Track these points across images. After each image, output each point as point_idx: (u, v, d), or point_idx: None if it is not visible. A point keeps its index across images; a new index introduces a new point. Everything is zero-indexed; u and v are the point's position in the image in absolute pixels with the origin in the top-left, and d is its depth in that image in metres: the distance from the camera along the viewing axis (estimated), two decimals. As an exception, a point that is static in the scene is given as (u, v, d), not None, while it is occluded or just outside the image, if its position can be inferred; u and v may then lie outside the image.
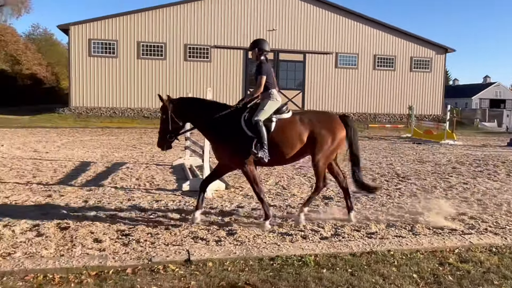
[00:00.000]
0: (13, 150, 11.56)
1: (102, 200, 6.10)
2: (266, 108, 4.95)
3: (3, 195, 6.27)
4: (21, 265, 3.51)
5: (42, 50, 45.65)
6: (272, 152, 4.86)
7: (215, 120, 4.89)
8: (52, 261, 3.60)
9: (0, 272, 3.41)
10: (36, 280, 3.34)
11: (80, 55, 24.24)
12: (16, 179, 7.56)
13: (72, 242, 4.28)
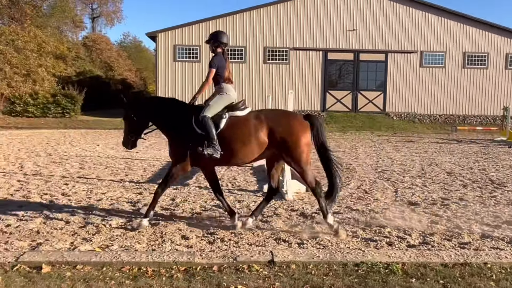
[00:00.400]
0: (108, 150, 12.52)
1: (188, 198, 6.38)
2: (213, 104, 4.76)
3: (100, 191, 6.81)
4: (118, 257, 3.77)
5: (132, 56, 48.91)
6: (224, 151, 4.62)
7: (171, 119, 4.78)
8: (145, 255, 3.83)
9: (100, 262, 3.70)
10: (131, 272, 3.58)
11: (166, 61, 25.61)
12: (111, 176, 8.16)
13: (162, 238, 4.53)
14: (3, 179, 7.77)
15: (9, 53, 22.81)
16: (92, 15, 50.66)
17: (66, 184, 7.36)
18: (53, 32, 31.82)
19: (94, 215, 5.41)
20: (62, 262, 3.66)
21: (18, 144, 13.52)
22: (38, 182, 7.50)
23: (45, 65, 25.31)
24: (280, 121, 4.68)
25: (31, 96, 24.11)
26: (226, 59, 4.98)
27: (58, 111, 24.70)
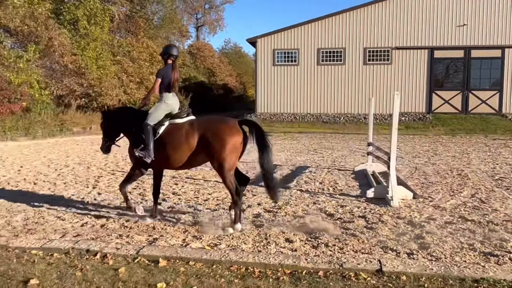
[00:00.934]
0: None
1: (290, 201, 6.42)
2: (152, 112, 5.19)
3: (207, 192, 7.15)
4: (227, 256, 3.92)
5: (232, 62, 50.81)
6: (160, 155, 5.04)
7: (128, 125, 5.31)
8: (252, 255, 3.93)
9: (210, 260, 3.87)
10: (239, 271, 3.69)
11: (265, 65, 26.17)
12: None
13: (266, 240, 4.61)
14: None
15: (126, 63, 25.13)
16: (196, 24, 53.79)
17: (176, 184, 7.87)
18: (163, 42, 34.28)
19: (203, 214, 5.69)
20: (176, 258, 3.90)
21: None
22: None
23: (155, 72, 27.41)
24: (209, 127, 4.96)
25: (143, 102, 26.30)
26: (173, 70, 5.34)
27: (166, 115, 26.59)
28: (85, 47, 21.91)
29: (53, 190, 7.39)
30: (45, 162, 10.68)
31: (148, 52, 27.34)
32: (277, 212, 5.81)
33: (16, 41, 20.14)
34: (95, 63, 22.03)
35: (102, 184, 7.88)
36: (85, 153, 12.73)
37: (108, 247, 4.11)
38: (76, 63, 20.24)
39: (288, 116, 25.98)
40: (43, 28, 19.06)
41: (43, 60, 19.65)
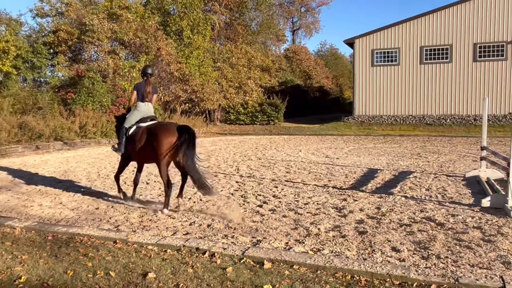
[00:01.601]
0: (309, 155, 13.10)
1: (394, 208, 6.14)
2: (128, 117, 6.62)
3: (307, 196, 7.14)
4: (332, 262, 3.86)
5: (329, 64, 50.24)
6: (130, 150, 6.49)
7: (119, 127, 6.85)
8: (357, 263, 3.82)
9: (315, 265, 3.85)
10: (344, 279, 3.61)
11: (363, 66, 25.44)
12: (315, 181, 8.49)
13: (371, 247, 4.45)
14: (225, 179, 8.91)
15: (225, 69, 26.21)
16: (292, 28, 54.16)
17: (275, 187, 7.98)
18: (260, 47, 35.16)
19: (304, 218, 5.69)
20: (280, 260, 3.94)
21: (233, 149, 15.34)
22: (252, 184, 8.34)
23: (253, 77, 28.15)
24: (153, 130, 6.10)
25: (242, 106, 27.15)
26: (146, 85, 6.75)
27: (264, 118, 27.15)
28: (189, 55, 23.30)
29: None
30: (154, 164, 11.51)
31: (246, 57, 28.20)
32: (381, 219, 5.59)
33: (129, 53, 22.16)
34: (198, 70, 23.31)
35: (206, 185, 8.27)
36: (189, 155, 13.49)
37: (216, 247, 4.30)
38: (181, 70, 21.61)
39: (388, 118, 24.94)
40: (152, 40, 20.67)
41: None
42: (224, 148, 15.58)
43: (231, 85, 26.51)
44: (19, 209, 6.47)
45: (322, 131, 23.57)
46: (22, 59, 19.08)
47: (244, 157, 12.74)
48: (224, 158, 12.66)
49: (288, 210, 6.18)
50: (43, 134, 14.12)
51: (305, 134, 22.23)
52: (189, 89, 22.49)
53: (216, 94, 24.16)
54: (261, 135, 22.29)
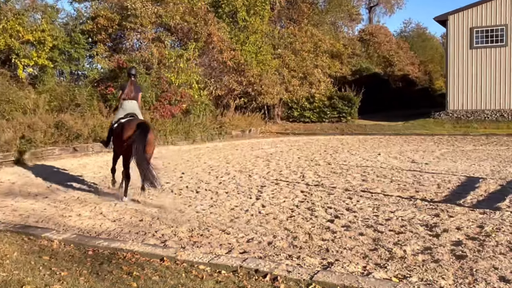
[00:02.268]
0: (390, 159, 12.79)
1: (502, 227, 5.84)
2: (115, 114, 8.77)
3: (388, 209, 6.98)
4: (422, 293, 3.74)
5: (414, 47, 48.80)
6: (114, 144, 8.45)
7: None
8: (455, 295, 3.67)
9: (400, 296, 3.75)
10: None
11: (459, 48, 24.46)
12: (399, 192, 8.28)
13: (472, 276, 4.26)
14: (288, 188, 8.94)
15: (287, 56, 26.24)
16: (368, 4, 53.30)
17: (349, 198, 7.87)
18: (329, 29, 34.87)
19: (385, 237, 5.57)
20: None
21: (297, 152, 15.34)
22: (321, 194, 8.29)
23: (321, 66, 27.97)
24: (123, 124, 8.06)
25: (307, 100, 27.07)
26: (129, 85, 8.73)
27: (334, 115, 26.89)
28: (245, 40, 23.60)
29: (215, 199, 8.11)
30: (205, 169, 11.80)
31: (312, 42, 28.08)
32: (485, 240, 5.34)
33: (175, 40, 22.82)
34: (255, 58, 23.53)
35: (265, 195, 8.34)
36: (245, 159, 13.68)
37: (279, 269, 4.31)
38: (235, 59, 21.92)
39: (492, 114, 23.80)
40: (202, 24, 21.15)
41: (202, 58, 21.83)
42: (286, 151, 15.62)
43: (294, 75, 26.51)
44: (56, 219, 6.89)
45: (406, 129, 22.94)
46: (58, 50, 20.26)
47: (311, 162, 12.69)
48: (287, 163, 12.69)
49: (366, 226, 6.07)
50: (81, 135, 14.91)
51: (385, 133, 21.74)
52: (245, 81, 22.75)
53: (276, 86, 24.26)
54: (331, 135, 22.08)
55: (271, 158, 13.69)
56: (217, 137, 20.08)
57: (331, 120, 26.91)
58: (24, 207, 7.77)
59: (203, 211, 7.24)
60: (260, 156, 14.25)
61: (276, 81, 24.66)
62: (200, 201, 8.01)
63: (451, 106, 24.89)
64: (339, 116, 26.92)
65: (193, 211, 7.25)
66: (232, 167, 12.03)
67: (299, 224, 6.28)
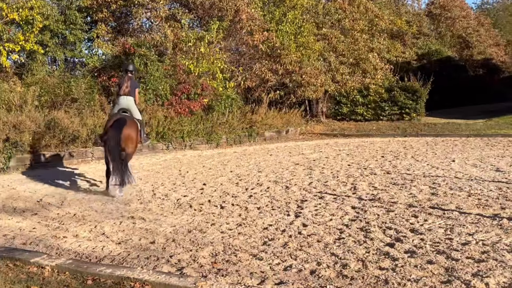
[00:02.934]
0: (468, 167, 12.60)
1: None
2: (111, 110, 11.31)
3: (465, 231, 6.89)
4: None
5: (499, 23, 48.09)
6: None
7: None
8: None
9: None
10: None
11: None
12: (478, 209, 8.15)
13: None
14: (335, 203, 8.92)
15: (335, 38, 26.16)
16: (439, -31, 52.55)
17: (414, 217, 7.80)
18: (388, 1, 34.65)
19: (461, 266, 5.50)
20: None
21: (347, 157, 15.29)
22: (378, 211, 8.24)
23: (378, 49, 27.80)
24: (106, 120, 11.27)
25: (360, 93, 26.93)
26: (126, 80, 10.47)
27: (394, 111, 26.68)
28: (281, 18, 23.63)
29: (245, 216, 8.17)
30: (232, 179, 11.89)
31: (367, 18, 27.95)
32: None
33: (195, 18, 23.02)
34: (294, 41, 23.54)
35: (307, 211, 8.35)
36: (281, 167, 13.71)
37: (324, 305, 4.32)
38: (269, 41, 21.98)
39: None
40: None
41: (227, 41, 21.98)
42: (333, 157, 15.58)
43: (344, 61, 26.44)
44: (48, 241, 7.05)
45: (488, 129, 22.54)
46: (50, 33, 20.66)
47: (364, 170, 12.63)
48: (334, 171, 12.66)
49: (436, 253, 6.01)
50: (79, 137, 15.19)
51: (460, 134, 21.41)
52: (281, 69, 22.80)
53: (320, 75, 24.22)
54: (390, 137, 21.89)
55: (314, 166, 13.68)
56: (247, 139, 20.21)
57: (391, 117, 26.73)
58: (9, 226, 7.97)
59: (230, 231, 7.29)
60: (300, 163, 14.26)
61: (320, 69, 24.63)
62: (226, 219, 8.07)
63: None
64: (401, 112, 26.70)
65: (217, 231, 7.31)
66: (266, 177, 12.07)
67: (349, 249, 6.25)
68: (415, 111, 26.62)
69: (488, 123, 24.27)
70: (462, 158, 14.28)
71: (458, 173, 11.82)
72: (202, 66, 19.48)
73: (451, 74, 34.55)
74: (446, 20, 40.88)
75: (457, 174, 11.61)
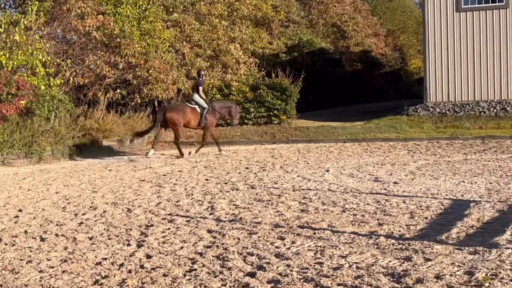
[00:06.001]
0: (344, 177, 13.12)
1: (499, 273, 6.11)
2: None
3: (337, 253, 7.12)
4: None
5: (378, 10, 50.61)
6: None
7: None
8: None
9: None
10: None
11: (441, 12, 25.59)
12: (353, 227, 8.48)
13: None
14: (188, 227, 8.88)
15: (189, 24, 26.21)
16: None
17: (281, 239, 7.95)
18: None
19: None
20: None
21: (205, 170, 15.40)
22: (238, 234, 8.31)
23: (240, 39, 28.20)
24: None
25: (220, 91, 27.18)
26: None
27: (261, 113, 27.18)
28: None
29: (72, 249, 7.91)
30: (58, 202, 11.49)
31: (226, 1, 28.24)
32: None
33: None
34: (138, 27, 23.29)
35: (153, 239, 8.25)
36: (123, 184, 13.50)
37: None
38: (105, 28, 21.59)
39: (490, 107, 25.11)
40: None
41: (51, 27, 21.29)
42: (188, 170, 15.60)
43: (200, 53, 26.58)
44: None
45: (368, 133, 23.59)
46: None
47: (225, 185, 12.75)
48: (188, 188, 12.65)
49: (304, 280, 6.15)
50: None
51: (336, 140, 22.27)
52: (122, 63, 22.42)
53: (172, 70, 24.15)
54: (257, 144, 22.31)
55: (164, 182, 13.61)
56: (79, 151, 19.67)
57: (257, 121, 27.20)
58: None
59: (51, 270, 7.02)
60: (147, 179, 14.12)
61: (171, 62, 24.59)
62: (47, 254, 7.77)
63: (432, 97, 25.97)
64: (268, 115, 27.21)
65: (34, 271, 7.00)
66: (102, 198, 11.81)
67: (202, 282, 6.24)
68: (285, 113, 27.25)
69: (367, 126, 25.40)
70: (338, 167, 14.84)
71: (333, 185, 12.25)
72: (17, 59, 18.64)
73: (325, 69, 35.87)
74: (318, 6, 42.33)
75: (331, 186, 12.03)
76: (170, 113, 19.43)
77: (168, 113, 19.40)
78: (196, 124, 20.04)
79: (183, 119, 19.53)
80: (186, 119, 19.62)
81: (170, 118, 19.34)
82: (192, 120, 19.77)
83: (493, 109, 25.03)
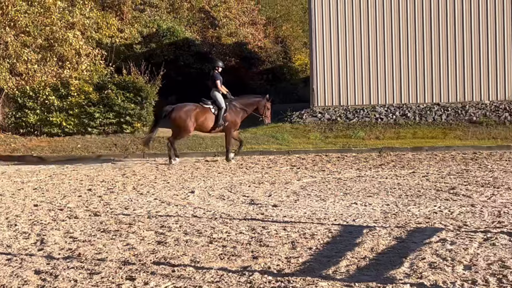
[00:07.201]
0: (212, 200, 13.21)
1: None
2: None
3: (202, 295, 7.15)
4: None
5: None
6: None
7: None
8: None
9: None
10: None
11: None
12: (222, 261, 8.51)
13: None
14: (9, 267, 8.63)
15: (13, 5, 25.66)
16: None
17: (130, 279, 7.88)
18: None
19: None
20: None
21: (34, 194, 15.10)
22: (76, 275, 8.16)
23: (82, 25, 27.88)
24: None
25: (56, 92, 26.69)
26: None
27: (109, 119, 26.89)
28: None
29: None
30: None
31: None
32: None
33: None
34: None
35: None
36: None
37: None
38: None
39: (388, 112, 25.88)
40: None
41: None
42: (11, 193, 15.24)
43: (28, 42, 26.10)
44: None
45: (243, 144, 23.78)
46: None
47: (60, 213, 12.55)
48: (11, 216, 12.34)
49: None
50: None
51: (204, 153, 22.45)
52: None
53: (-8, 65, 23.64)
54: (103, 161, 22.02)
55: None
56: None
57: (104, 129, 26.91)
58: None
59: None
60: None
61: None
62: None
63: (320, 101, 26.49)
64: (119, 121, 26.97)
65: None
66: None
67: None
68: (140, 120, 27.09)
69: (243, 136, 25.58)
70: (205, 188, 14.89)
71: (198, 209, 12.28)
72: None
73: (191, 65, 35.95)
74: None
75: (196, 212, 12.04)
76: (176, 113, 19.42)
77: (174, 114, 19.38)
78: (211, 128, 20.20)
79: (194, 122, 19.69)
80: (198, 122, 19.83)
81: (176, 119, 19.40)
82: (206, 122, 19.99)
83: (391, 115, 25.72)
